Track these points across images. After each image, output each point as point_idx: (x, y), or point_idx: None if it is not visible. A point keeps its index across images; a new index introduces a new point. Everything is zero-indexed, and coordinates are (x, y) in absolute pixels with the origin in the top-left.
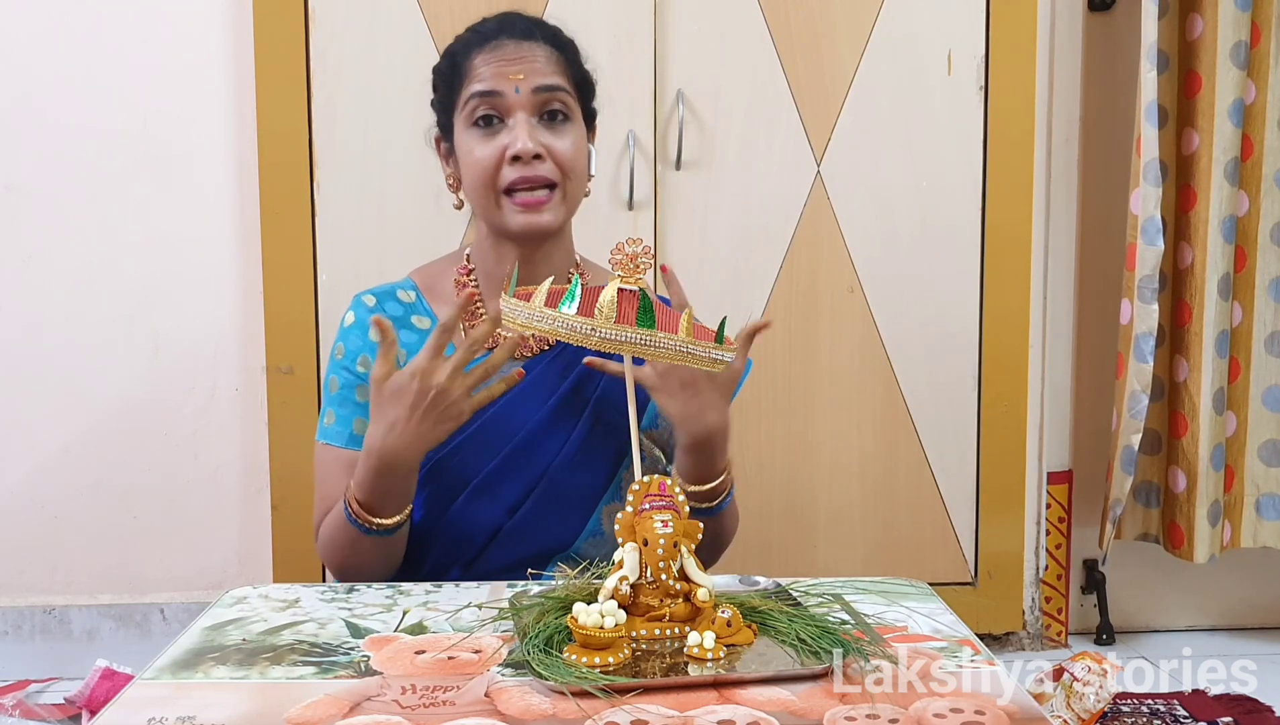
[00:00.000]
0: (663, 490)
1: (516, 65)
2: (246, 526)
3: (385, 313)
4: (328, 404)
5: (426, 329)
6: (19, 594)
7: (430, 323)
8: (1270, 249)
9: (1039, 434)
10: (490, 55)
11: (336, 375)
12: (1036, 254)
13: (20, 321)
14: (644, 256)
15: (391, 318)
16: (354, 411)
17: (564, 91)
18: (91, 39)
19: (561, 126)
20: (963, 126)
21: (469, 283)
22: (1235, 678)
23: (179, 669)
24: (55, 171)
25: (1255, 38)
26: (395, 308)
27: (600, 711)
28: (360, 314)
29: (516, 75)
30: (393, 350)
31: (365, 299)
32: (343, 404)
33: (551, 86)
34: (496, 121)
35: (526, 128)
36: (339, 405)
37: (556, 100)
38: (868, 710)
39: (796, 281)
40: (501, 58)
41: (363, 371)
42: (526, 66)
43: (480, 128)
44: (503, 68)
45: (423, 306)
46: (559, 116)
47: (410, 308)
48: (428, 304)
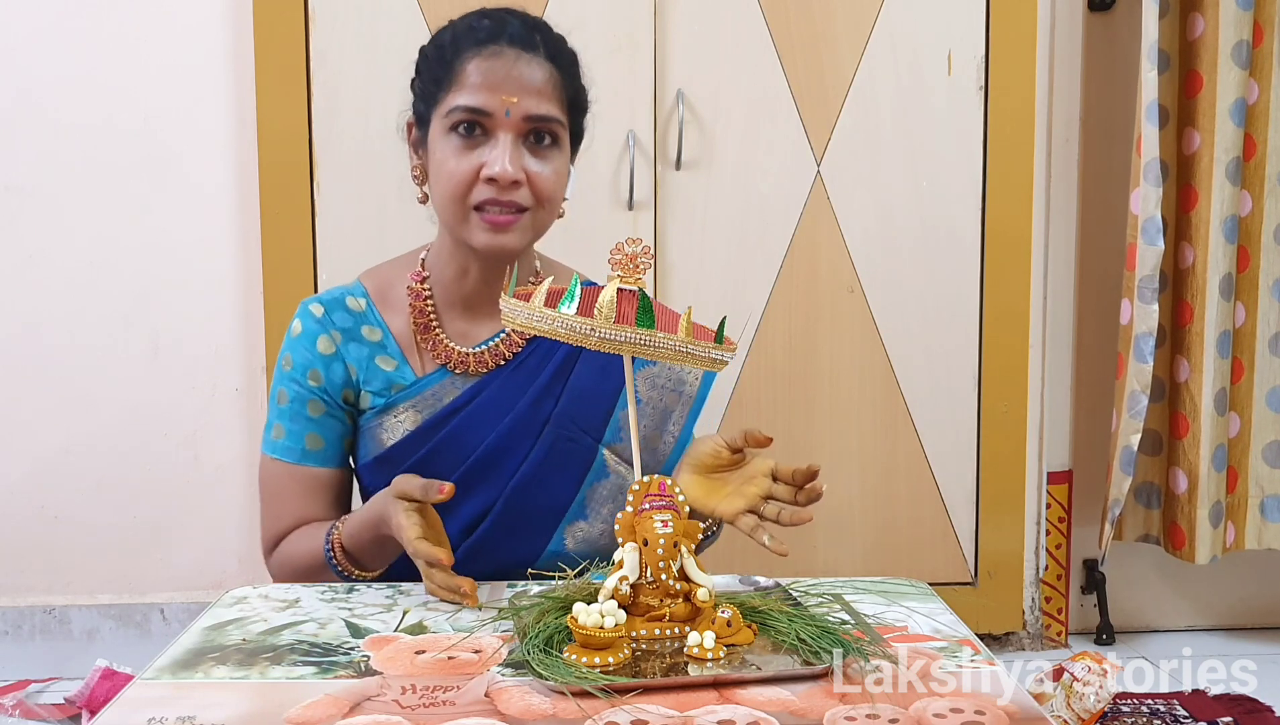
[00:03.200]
0: (663, 490)
1: (511, 84)
2: (246, 526)
3: (334, 323)
4: (276, 417)
5: (378, 341)
6: (19, 594)
7: (382, 334)
8: (1274, 249)
9: (1039, 434)
10: (484, 64)
11: (285, 388)
12: (1036, 254)
13: (20, 321)
14: (644, 256)
15: (340, 329)
16: (306, 427)
17: (555, 122)
18: (91, 39)
19: (546, 152)
20: (963, 126)
21: (423, 291)
22: (1235, 678)
23: (179, 669)
24: (55, 171)
25: (1258, 37)
26: (344, 318)
27: (600, 711)
28: (308, 323)
29: (510, 99)
30: (417, 526)
31: (313, 308)
32: (294, 419)
33: (544, 116)
34: (479, 133)
35: (509, 151)
36: (290, 420)
37: (546, 129)
38: (868, 710)
39: (796, 281)
40: (495, 71)
41: (314, 385)
42: (522, 87)
43: (460, 136)
44: (496, 84)
45: (373, 316)
46: (545, 140)
47: (360, 317)
48: (379, 313)
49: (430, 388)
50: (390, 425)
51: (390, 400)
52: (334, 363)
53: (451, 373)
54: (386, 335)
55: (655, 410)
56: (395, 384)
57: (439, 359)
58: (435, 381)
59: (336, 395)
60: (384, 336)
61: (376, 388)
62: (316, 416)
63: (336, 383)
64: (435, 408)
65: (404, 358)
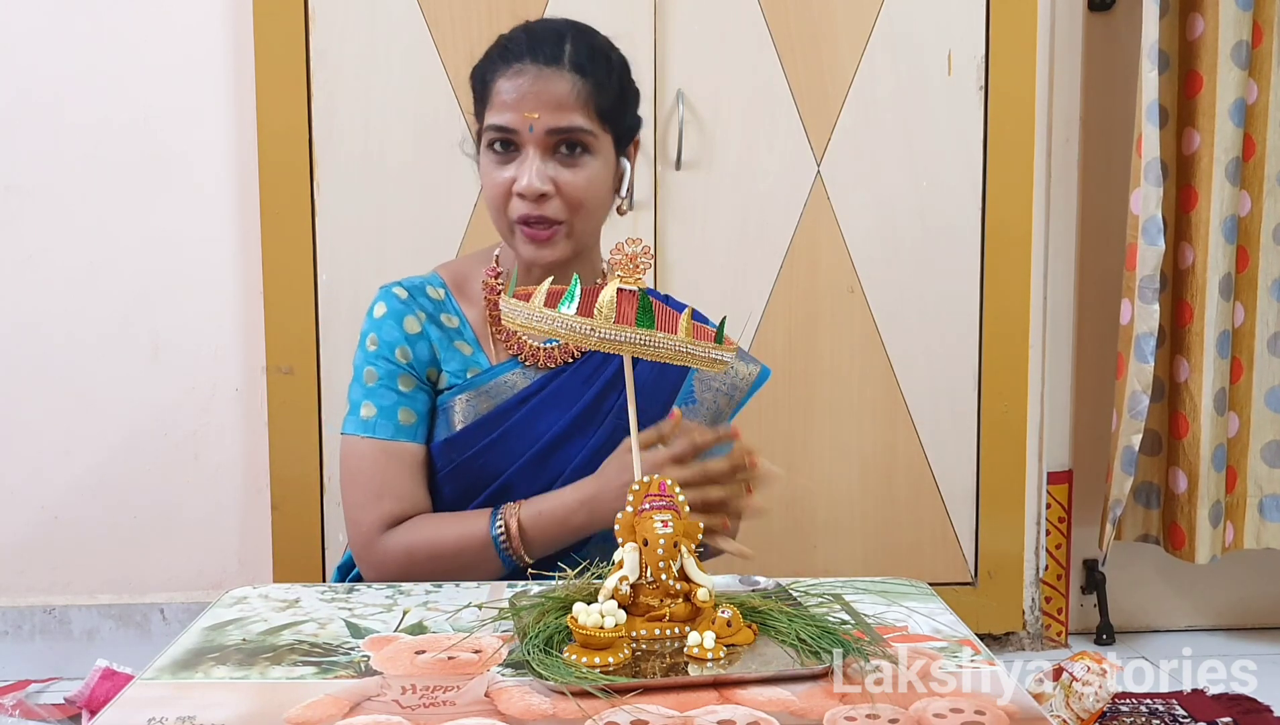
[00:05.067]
0: (663, 490)
1: (531, 101)
2: (246, 526)
3: (419, 304)
4: (364, 396)
5: (455, 328)
6: (19, 594)
7: (459, 322)
8: (1273, 249)
9: (1039, 434)
10: (510, 83)
11: (374, 366)
12: (1036, 254)
13: (20, 321)
14: (644, 256)
15: (423, 310)
16: (398, 402)
17: (582, 131)
18: (91, 38)
19: (578, 160)
20: (963, 126)
21: (497, 286)
22: (1235, 678)
23: (179, 669)
24: (55, 171)
25: (1257, 37)
26: (426, 302)
27: (600, 711)
28: (393, 304)
29: (531, 115)
30: None
31: (396, 291)
32: (385, 396)
33: (566, 129)
34: (510, 149)
35: (534, 166)
36: (379, 397)
37: (574, 139)
38: (868, 710)
39: (796, 281)
40: (520, 90)
41: (404, 361)
42: (543, 103)
43: (497, 153)
44: (518, 101)
45: (451, 305)
46: (576, 149)
47: (440, 305)
48: (456, 303)
49: (502, 376)
50: (463, 409)
51: (465, 383)
52: (419, 341)
53: (522, 364)
54: (464, 323)
55: (709, 411)
56: (470, 368)
57: (511, 350)
58: (507, 370)
59: (422, 372)
60: (461, 324)
61: (453, 370)
62: (408, 391)
63: (423, 360)
64: (506, 396)
65: (479, 346)
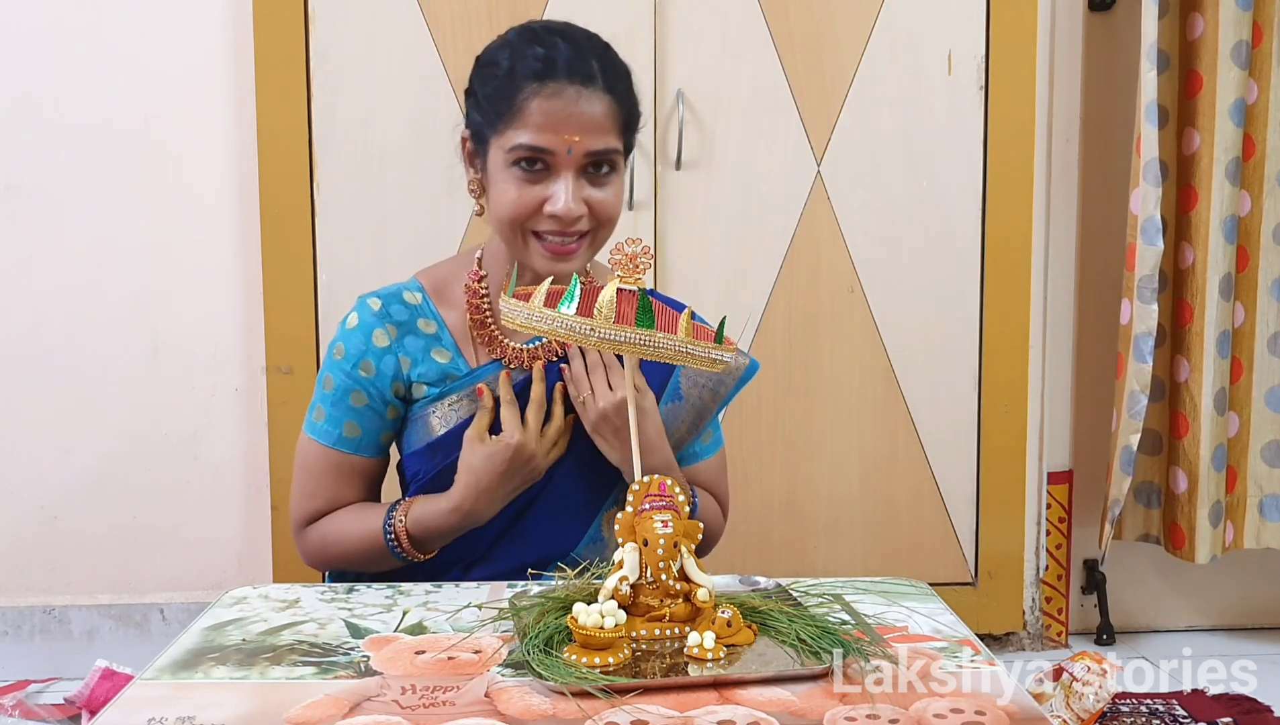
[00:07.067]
0: (663, 490)
1: (573, 124)
2: (246, 526)
3: (391, 316)
4: (319, 400)
5: (432, 333)
6: (19, 594)
7: (436, 327)
8: (1273, 249)
9: (1039, 434)
10: (545, 104)
11: (333, 374)
12: (1036, 254)
13: (20, 322)
14: (644, 257)
15: (397, 322)
16: (345, 414)
17: (614, 152)
18: (91, 39)
19: (606, 179)
20: (963, 126)
21: (480, 289)
22: (1235, 678)
23: (179, 669)
24: (55, 171)
25: (1257, 37)
26: (401, 311)
27: (600, 711)
28: (365, 316)
29: (572, 138)
30: (489, 416)
31: (370, 302)
32: (336, 405)
33: (602, 151)
34: (540, 168)
35: (571, 189)
36: (331, 405)
37: (605, 160)
38: (868, 710)
39: (796, 281)
40: (557, 112)
41: (364, 376)
42: (583, 126)
43: (522, 170)
44: (558, 124)
45: (429, 309)
46: (604, 169)
47: (416, 310)
48: (434, 307)
49: (484, 379)
50: (443, 414)
51: (445, 390)
52: (387, 356)
53: (505, 366)
54: (441, 328)
55: (694, 408)
56: (449, 375)
57: (493, 353)
58: (488, 373)
59: (386, 389)
60: (439, 329)
61: (431, 378)
62: (358, 407)
63: (387, 376)
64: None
65: (458, 350)
